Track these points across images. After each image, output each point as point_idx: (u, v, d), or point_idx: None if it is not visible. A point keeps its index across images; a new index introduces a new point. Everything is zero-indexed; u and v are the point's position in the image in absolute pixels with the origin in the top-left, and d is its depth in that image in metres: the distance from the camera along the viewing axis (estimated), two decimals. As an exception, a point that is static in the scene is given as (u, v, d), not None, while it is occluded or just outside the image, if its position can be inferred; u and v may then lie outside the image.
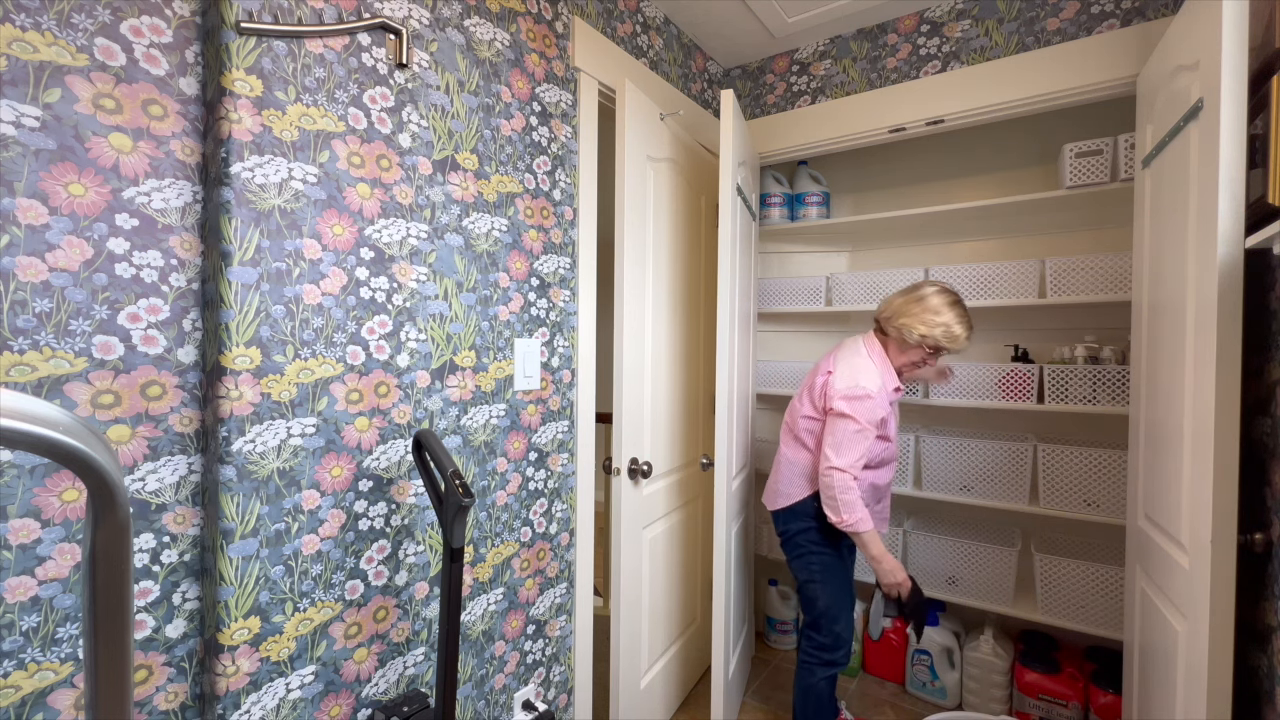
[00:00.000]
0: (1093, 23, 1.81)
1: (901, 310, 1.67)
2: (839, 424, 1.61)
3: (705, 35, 2.29)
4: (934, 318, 1.61)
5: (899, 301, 1.68)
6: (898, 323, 1.66)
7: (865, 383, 1.61)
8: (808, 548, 1.73)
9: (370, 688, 1.27)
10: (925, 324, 1.61)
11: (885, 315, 1.70)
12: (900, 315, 1.66)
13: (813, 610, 1.74)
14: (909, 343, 1.65)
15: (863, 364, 1.66)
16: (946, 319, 1.61)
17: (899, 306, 1.67)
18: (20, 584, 0.90)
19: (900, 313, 1.66)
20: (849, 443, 1.59)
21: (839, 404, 1.61)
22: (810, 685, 1.74)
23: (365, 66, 1.22)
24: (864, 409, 1.59)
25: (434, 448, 1.17)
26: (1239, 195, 1.12)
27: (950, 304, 1.63)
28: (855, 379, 1.62)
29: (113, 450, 0.44)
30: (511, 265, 1.54)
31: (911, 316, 1.64)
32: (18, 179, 0.89)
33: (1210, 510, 1.14)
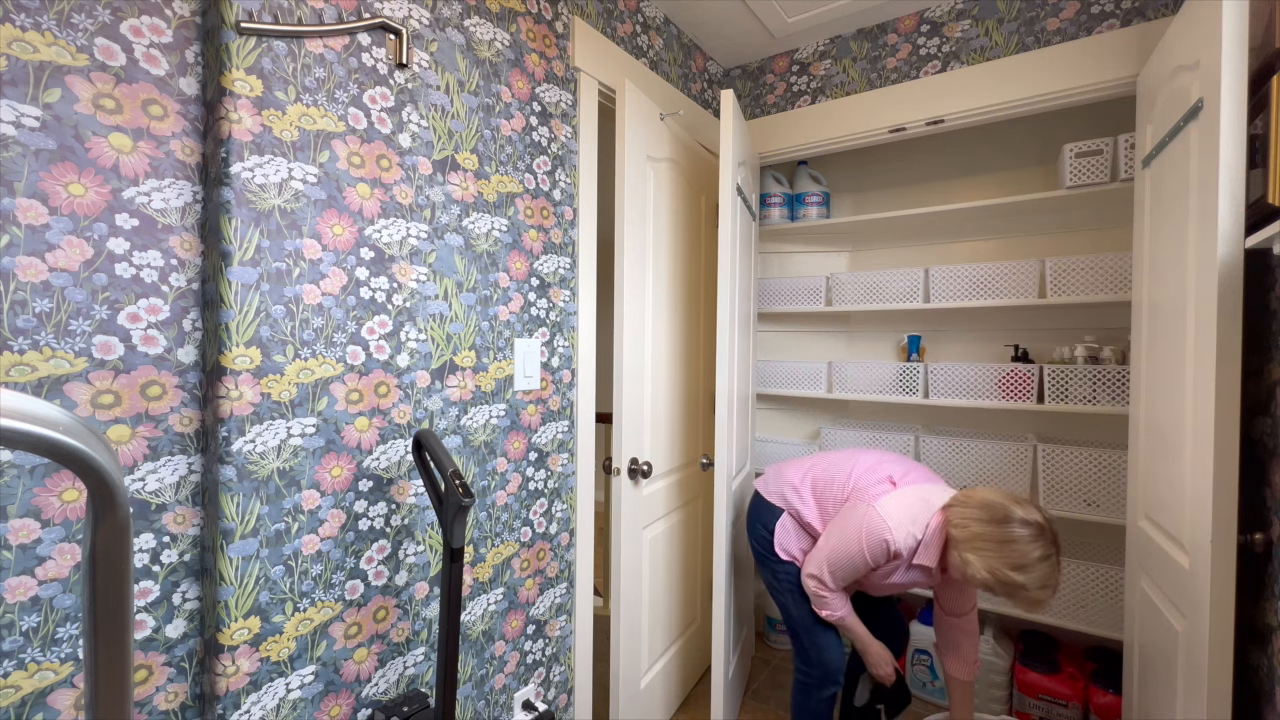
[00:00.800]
0: (1093, 23, 1.81)
1: (974, 541, 1.31)
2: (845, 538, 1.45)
3: (705, 35, 2.29)
4: (1010, 573, 1.26)
5: (977, 528, 1.31)
6: (963, 554, 1.33)
7: (897, 532, 1.39)
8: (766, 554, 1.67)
9: (370, 688, 1.27)
10: (995, 575, 1.28)
11: (956, 534, 1.35)
12: (971, 547, 1.32)
13: (789, 621, 1.64)
14: (966, 576, 1.33)
15: (915, 518, 1.41)
16: (1027, 579, 1.25)
17: (975, 534, 1.31)
18: (20, 584, 0.90)
19: (972, 544, 1.31)
20: (843, 567, 1.46)
21: (863, 507, 1.44)
22: (805, 706, 1.62)
23: (365, 66, 1.22)
24: (874, 545, 1.41)
25: (434, 448, 1.17)
26: (1239, 195, 1.12)
27: (1041, 558, 1.26)
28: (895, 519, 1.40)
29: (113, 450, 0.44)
30: (511, 265, 1.54)
31: (981, 556, 1.30)
32: (18, 179, 0.89)
33: (1210, 510, 1.14)
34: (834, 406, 2.67)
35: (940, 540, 1.40)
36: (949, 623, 1.59)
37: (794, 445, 2.54)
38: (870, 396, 2.32)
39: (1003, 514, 1.31)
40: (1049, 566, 1.27)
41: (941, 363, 2.20)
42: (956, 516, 1.37)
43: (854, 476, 1.56)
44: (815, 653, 1.59)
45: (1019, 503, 1.33)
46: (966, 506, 1.37)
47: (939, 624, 1.62)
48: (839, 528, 1.49)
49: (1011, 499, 1.34)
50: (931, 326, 2.45)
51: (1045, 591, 1.27)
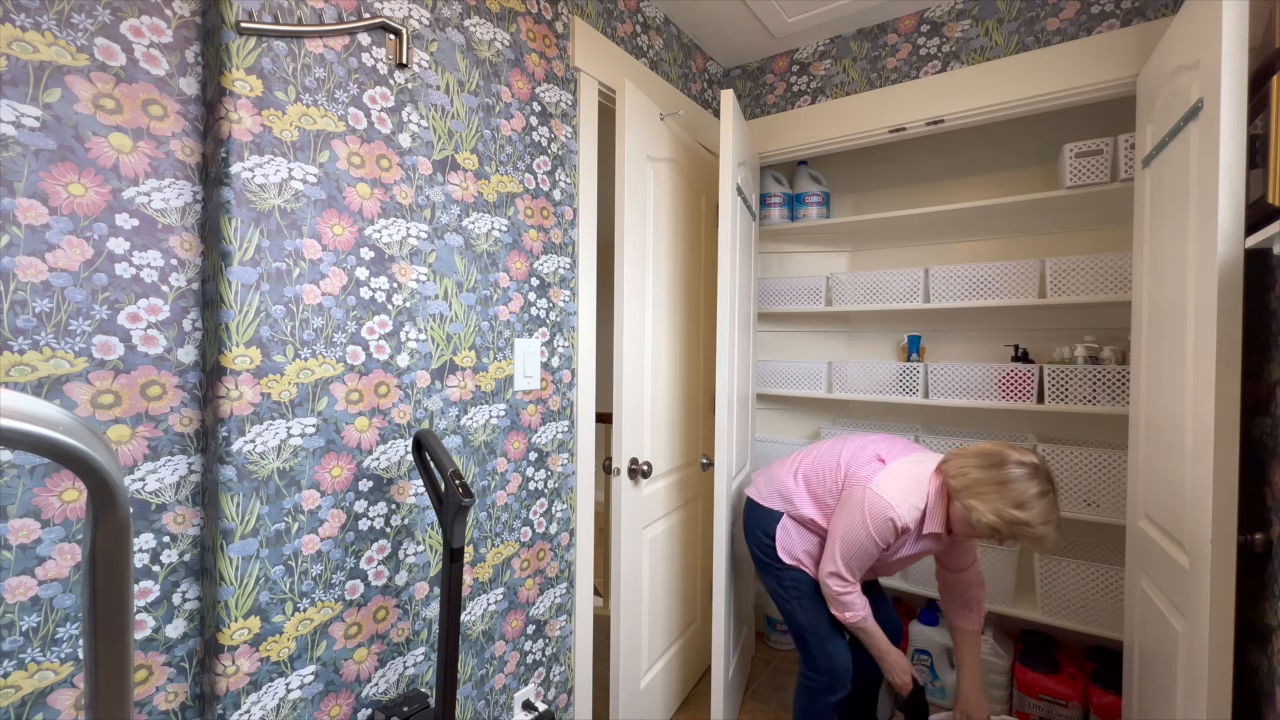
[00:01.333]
0: (1093, 23, 1.81)
1: (976, 488, 1.35)
2: (851, 527, 1.45)
3: (705, 35, 2.29)
4: (1013, 512, 1.30)
5: (975, 474, 1.36)
6: (966, 501, 1.36)
7: (899, 505, 1.41)
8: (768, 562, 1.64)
9: (370, 688, 1.27)
10: (1000, 516, 1.31)
11: (955, 484, 1.39)
12: (972, 493, 1.35)
13: (796, 628, 1.61)
14: (973, 525, 1.36)
15: (912, 487, 1.43)
16: (1029, 515, 1.30)
17: (974, 482, 1.36)
18: (20, 584, 0.90)
19: (973, 490, 1.35)
20: (856, 554, 1.45)
21: (860, 491, 1.45)
22: (811, 710, 1.60)
23: (365, 66, 1.22)
24: (880, 525, 1.42)
25: (434, 448, 1.17)
26: (1239, 195, 1.12)
27: (1039, 494, 1.31)
28: (895, 494, 1.42)
29: (113, 450, 0.44)
30: (511, 265, 1.54)
31: (984, 500, 1.33)
32: (18, 179, 0.89)
33: (1210, 510, 1.14)
34: (834, 406, 2.67)
35: (943, 501, 1.43)
36: (955, 579, 1.60)
37: (794, 445, 2.54)
38: (870, 396, 2.32)
39: (998, 458, 1.37)
40: (1049, 502, 1.32)
41: (941, 363, 2.20)
42: (953, 468, 1.41)
43: (843, 463, 1.57)
44: (825, 659, 1.58)
45: (1012, 447, 1.39)
46: (962, 458, 1.42)
47: (944, 582, 1.63)
48: (843, 519, 1.49)
49: (1004, 444, 1.41)
50: (931, 326, 2.45)
51: (1048, 527, 1.31)
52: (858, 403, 2.60)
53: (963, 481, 1.38)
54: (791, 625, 1.63)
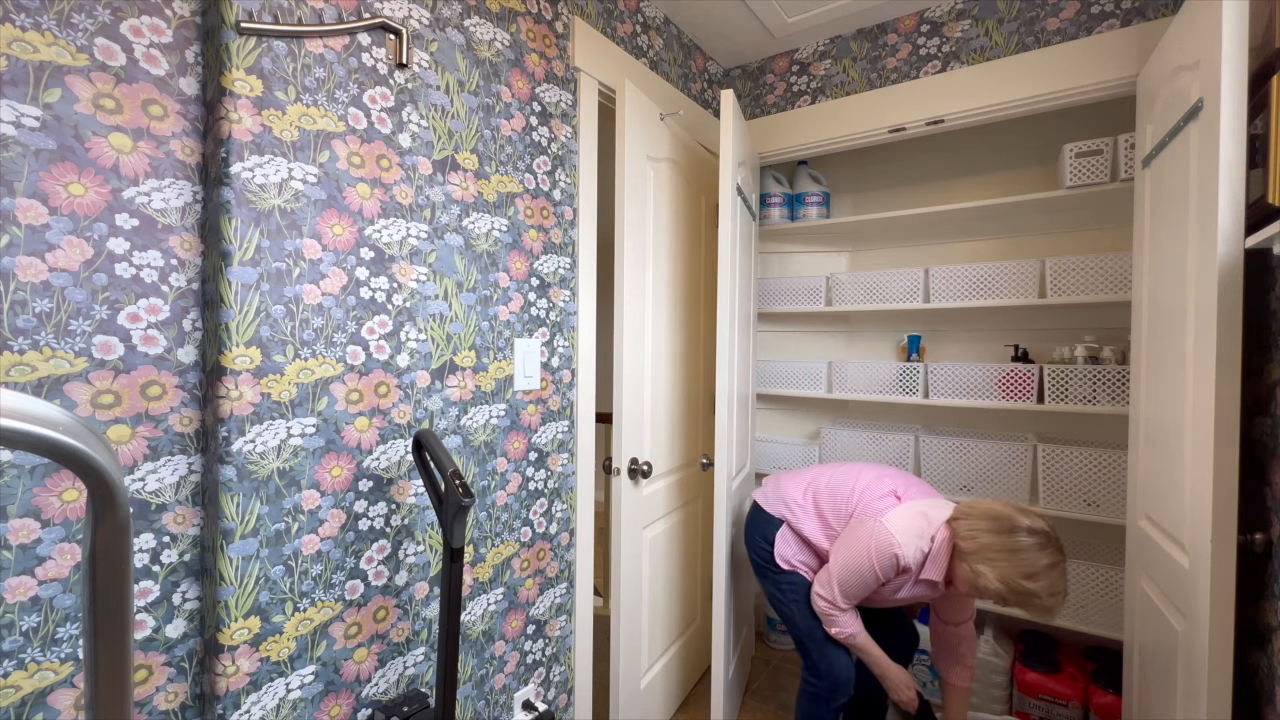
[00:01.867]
0: (1093, 23, 1.81)
1: (984, 552, 1.33)
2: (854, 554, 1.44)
3: (705, 35, 2.29)
4: (1022, 582, 1.28)
5: (986, 539, 1.34)
6: (974, 565, 1.34)
7: (907, 546, 1.40)
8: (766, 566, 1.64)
9: (370, 688, 1.27)
10: (1007, 585, 1.30)
11: (965, 545, 1.37)
12: (981, 558, 1.33)
13: (794, 632, 1.61)
14: (978, 588, 1.34)
15: (922, 531, 1.41)
16: (1038, 586, 1.27)
17: (984, 545, 1.33)
18: (20, 584, 0.90)
19: (982, 555, 1.33)
20: (854, 581, 1.45)
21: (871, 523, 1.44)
22: (812, 715, 1.60)
23: (365, 66, 1.22)
24: (884, 560, 1.41)
25: (434, 448, 1.17)
26: (1239, 195, 1.12)
27: (1049, 566, 1.28)
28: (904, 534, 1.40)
29: (113, 450, 0.44)
30: (511, 265, 1.54)
31: (992, 566, 1.31)
32: (18, 179, 0.89)
33: (1210, 510, 1.14)
34: (834, 406, 2.67)
35: (947, 553, 1.41)
36: (949, 631, 1.59)
37: (794, 445, 2.54)
38: (870, 396, 2.32)
39: (1009, 524, 1.33)
40: (1058, 573, 1.29)
41: (941, 363, 2.20)
42: (964, 529, 1.38)
43: (858, 490, 1.56)
44: (825, 665, 1.57)
45: (1023, 512, 1.36)
46: (972, 518, 1.39)
47: (937, 633, 1.62)
48: (847, 544, 1.48)
49: (1015, 509, 1.37)
50: (931, 326, 2.45)
51: (1056, 599, 1.29)
52: (858, 403, 2.60)
53: (973, 545, 1.35)
54: (791, 629, 1.64)
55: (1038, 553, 1.29)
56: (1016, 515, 1.35)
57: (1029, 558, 1.29)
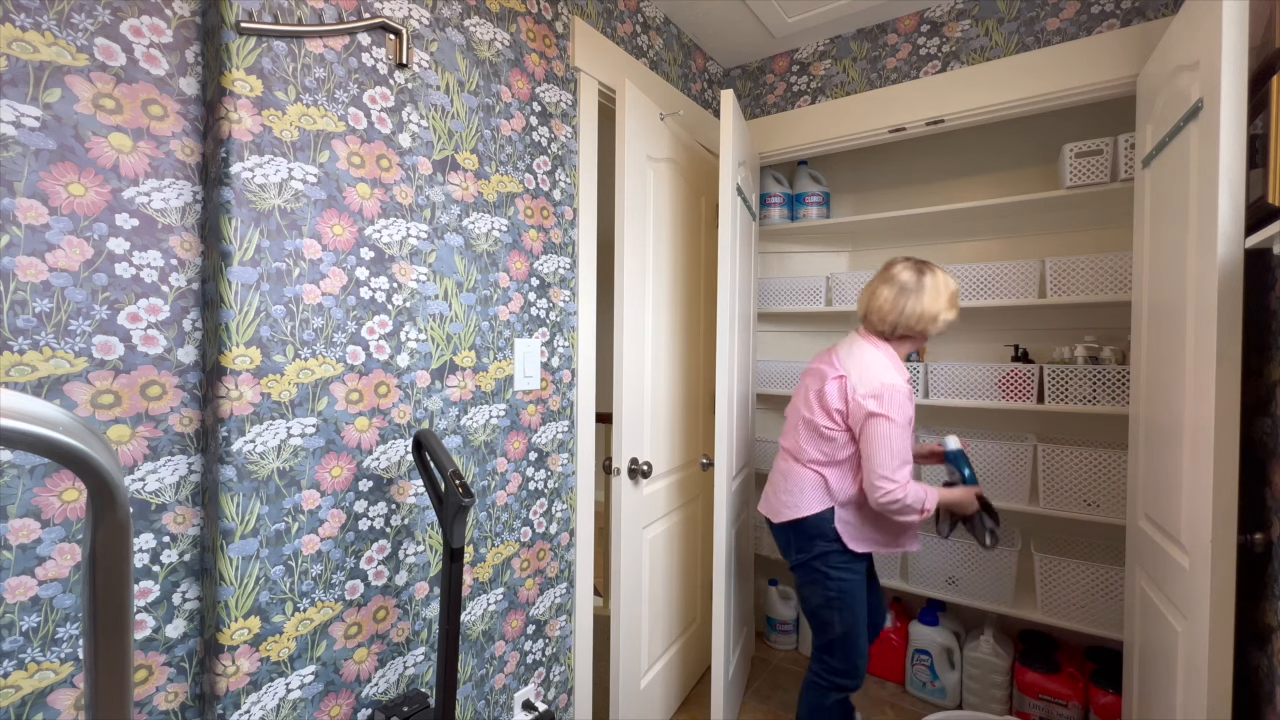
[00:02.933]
0: (1093, 23, 1.81)
1: (900, 305, 1.54)
2: (878, 428, 1.45)
3: (705, 35, 2.29)
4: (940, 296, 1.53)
5: (892, 296, 1.55)
6: (908, 320, 1.53)
7: (891, 378, 1.48)
8: (826, 573, 1.56)
9: (370, 688, 1.27)
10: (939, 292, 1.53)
11: (889, 318, 1.55)
12: (903, 312, 1.53)
13: (827, 634, 1.59)
14: (918, 331, 1.56)
15: (878, 359, 1.54)
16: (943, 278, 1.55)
17: (895, 302, 1.55)
18: (20, 584, 0.90)
19: (901, 308, 1.54)
20: (896, 449, 1.45)
21: (871, 404, 1.46)
22: (820, 705, 1.61)
23: (365, 66, 1.22)
24: (898, 405, 1.46)
25: (434, 448, 1.17)
26: (1239, 195, 1.12)
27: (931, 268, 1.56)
28: (880, 376, 1.49)
29: (113, 450, 0.44)
30: (511, 265, 1.54)
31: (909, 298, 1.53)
32: (18, 179, 0.89)
33: (1210, 510, 1.14)
34: (834, 406, 2.67)
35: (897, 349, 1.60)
36: None
37: (794, 445, 2.53)
38: (870, 396, 2.32)
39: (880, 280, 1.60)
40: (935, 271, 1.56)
41: (941, 363, 2.20)
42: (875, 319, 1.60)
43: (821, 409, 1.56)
44: (852, 660, 1.57)
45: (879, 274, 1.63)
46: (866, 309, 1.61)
47: None
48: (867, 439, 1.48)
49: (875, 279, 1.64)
50: (931, 326, 2.45)
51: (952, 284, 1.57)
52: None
53: (892, 313, 1.55)
54: (824, 631, 1.59)
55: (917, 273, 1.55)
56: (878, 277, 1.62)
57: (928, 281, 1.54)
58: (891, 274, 1.57)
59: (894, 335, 1.58)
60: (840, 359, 1.58)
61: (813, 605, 1.61)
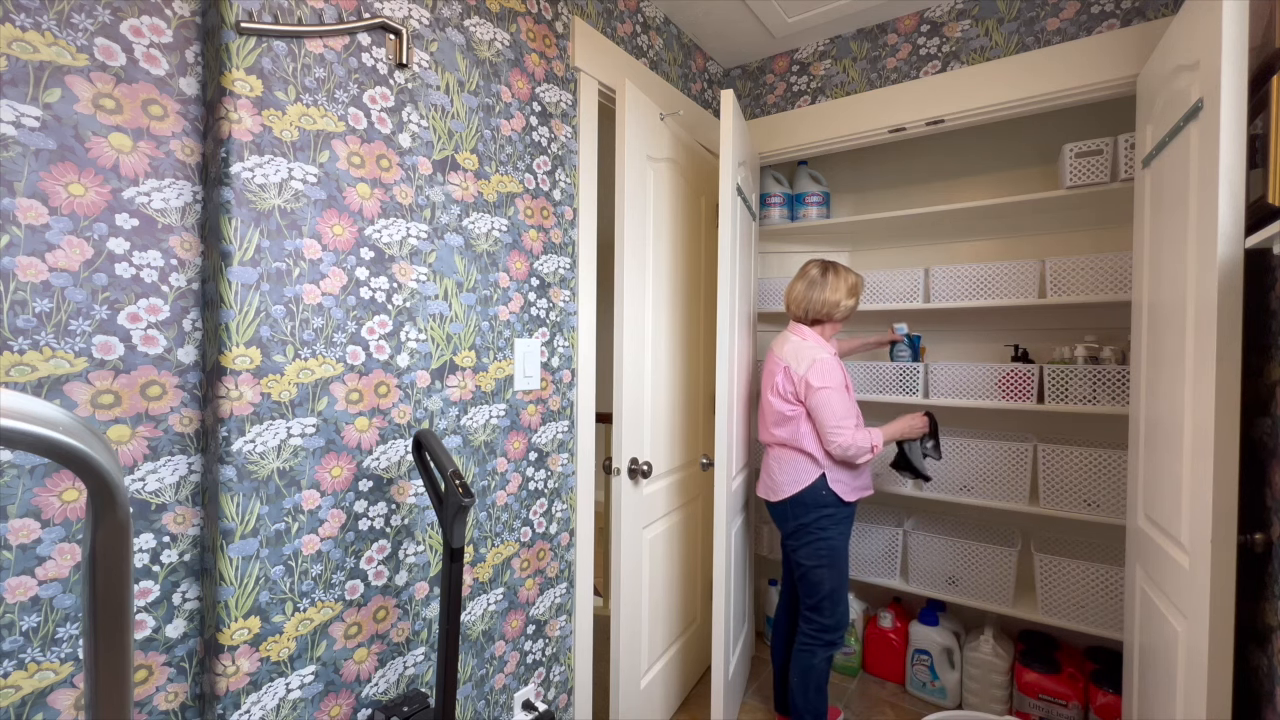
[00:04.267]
0: (1093, 23, 1.81)
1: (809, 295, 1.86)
2: (821, 397, 1.74)
3: (705, 35, 2.29)
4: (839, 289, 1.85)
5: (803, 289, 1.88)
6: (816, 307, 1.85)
7: (818, 355, 1.77)
8: (818, 534, 1.79)
9: (370, 688, 1.27)
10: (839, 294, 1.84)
11: (802, 305, 1.88)
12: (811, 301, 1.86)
13: (817, 593, 1.81)
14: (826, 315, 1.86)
15: (804, 343, 1.83)
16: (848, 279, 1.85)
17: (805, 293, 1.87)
18: (20, 584, 0.90)
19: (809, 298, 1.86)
20: (839, 409, 1.74)
21: (813, 380, 1.74)
22: (811, 666, 1.81)
23: (365, 66, 1.22)
24: (830, 374, 1.75)
25: (434, 448, 1.17)
26: (1239, 195, 1.12)
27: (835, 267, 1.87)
28: (810, 356, 1.77)
29: (113, 450, 0.44)
30: (511, 265, 1.54)
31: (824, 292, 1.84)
32: (18, 179, 0.89)
33: (1210, 510, 1.14)
34: (834, 406, 2.67)
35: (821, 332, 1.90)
36: None
37: (794, 445, 2.53)
38: (870, 396, 2.32)
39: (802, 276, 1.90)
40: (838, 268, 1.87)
41: (941, 363, 2.20)
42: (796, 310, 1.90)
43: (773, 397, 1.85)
44: (839, 614, 1.82)
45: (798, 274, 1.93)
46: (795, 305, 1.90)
47: None
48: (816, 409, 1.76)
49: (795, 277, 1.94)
50: (931, 326, 2.45)
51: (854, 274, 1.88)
52: (857, 402, 2.60)
53: (811, 306, 1.86)
54: (814, 591, 1.82)
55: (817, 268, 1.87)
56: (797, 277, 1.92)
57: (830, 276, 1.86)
58: (804, 271, 1.90)
59: (809, 320, 1.88)
60: (779, 353, 1.88)
61: (807, 567, 1.82)
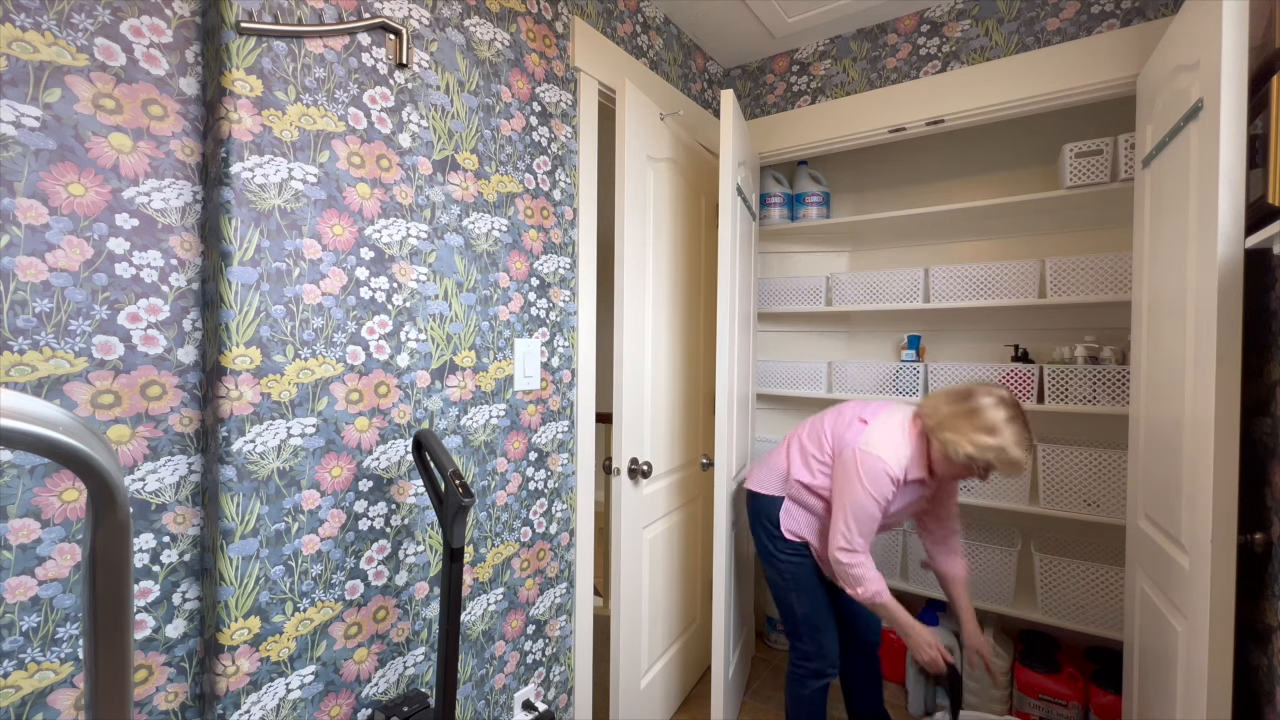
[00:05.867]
0: (1093, 23, 1.81)
1: (949, 422, 1.42)
2: (850, 491, 1.47)
3: (705, 35, 2.29)
4: (986, 439, 1.36)
5: (947, 410, 1.44)
6: (942, 436, 1.42)
7: (889, 457, 1.45)
8: (775, 554, 1.66)
9: (370, 688, 1.27)
10: (975, 445, 1.37)
11: (930, 422, 1.46)
12: (946, 428, 1.42)
13: (791, 619, 1.67)
14: (952, 460, 1.43)
15: (897, 438, 1.48)
16: (1002, 440, 1.36)
17: (946, 417, 1.43)
18: (20, 584, 0.90)
19: (946, 424, 1.42)
20: (860, 521, 1.46)
21: (849, 453, 1.49)
22: (800, 696, 1.67)
23: (365, 66, 1.22)
24: (875, 479, 1.44)
25: (434, 448, 1.17)
26: (1239, 195, 1.12)
27: (1009, 419, 1.37)
28: (882, 447, 1.46)
29: (113, 450, 0.44)
30: (511, 265, 1.54)
31: (958, 432, 1.39)
32: (18, 179, 0.89)
33: (1210, 510, 1.14)
34: (834, 406, 2.67)
35: (924, 444, 1.50)
36: (940, 526, 1.69)
37: (794, 445, 2.53)
38: (870, 396, 2.32)
39: (964, 390, 1.46)
40: (1019, 427, 1.38)
41: (941, 363, 2.20)
42: (926, 409, 1.50)
43: (829, 430, 1.63)
44: (814, 646, 1.64)
45: (980, 385, 1.47)
46: (933, 398, 1.51)
47: (928, 533, 1.71)
48: (840, 487, 1.51)
49: (972, 383, 1.51)
50: (931, 326, 2.45)
51: (1021, 449, 1.37)
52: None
53: (936, 418, 1.45)
54: (787, 614, 1.68)
55: (995, 409, 1.39)
56: (973, 386, 1.47)
57: (988, 415, 1.38)
58: (973, 393, 1.43)
59: (922, 427, 1.50)
60: (875, 410, 1.57)
61: (773, 587, 1.71)
